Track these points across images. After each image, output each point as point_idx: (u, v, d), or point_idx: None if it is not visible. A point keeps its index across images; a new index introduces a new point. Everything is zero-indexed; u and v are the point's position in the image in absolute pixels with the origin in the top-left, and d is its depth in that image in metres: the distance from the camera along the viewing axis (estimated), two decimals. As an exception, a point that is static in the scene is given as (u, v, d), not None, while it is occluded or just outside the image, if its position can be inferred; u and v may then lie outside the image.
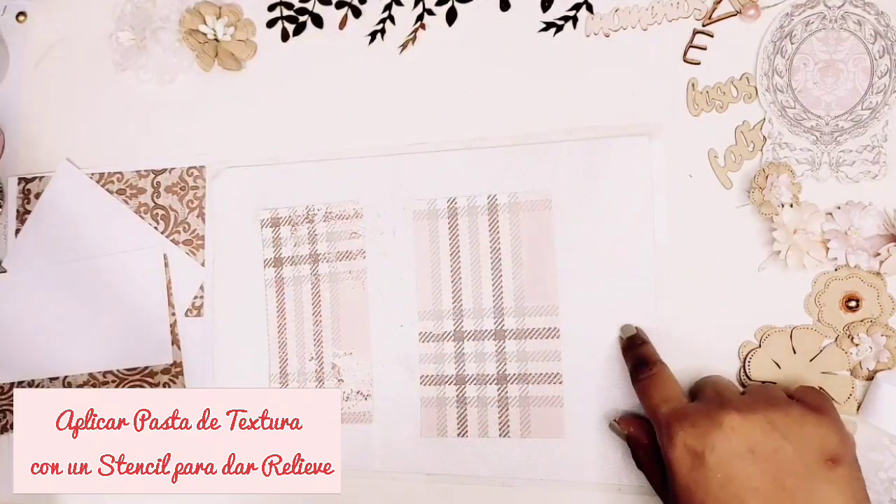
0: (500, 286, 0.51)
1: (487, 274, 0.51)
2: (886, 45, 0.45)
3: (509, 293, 0.50)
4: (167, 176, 0.58)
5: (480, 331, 0.51)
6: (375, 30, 0.55)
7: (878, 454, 0.44)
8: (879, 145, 0.45)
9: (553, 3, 0.51)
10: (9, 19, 0.63)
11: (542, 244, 0.50)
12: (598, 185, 0.49)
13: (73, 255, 0.59)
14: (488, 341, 0.51)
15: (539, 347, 0.50)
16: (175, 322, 0.57)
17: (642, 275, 0.48)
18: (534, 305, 0.50)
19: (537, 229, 0.50)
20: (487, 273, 0.51)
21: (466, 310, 0.51)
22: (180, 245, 0.58)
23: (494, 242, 0.51)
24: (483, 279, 0.51)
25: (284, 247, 0.55)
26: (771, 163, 0.46)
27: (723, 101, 0.48)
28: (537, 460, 0.50)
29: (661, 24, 0.49)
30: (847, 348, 0.45)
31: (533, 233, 0.50)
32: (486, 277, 0.51)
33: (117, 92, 0.60)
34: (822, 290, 0.46)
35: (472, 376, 0.51)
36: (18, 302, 0.60)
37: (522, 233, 0.51)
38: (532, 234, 0.50)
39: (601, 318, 0.49)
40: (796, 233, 0.45)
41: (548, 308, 0.50)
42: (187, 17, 0.56)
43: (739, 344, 0.47)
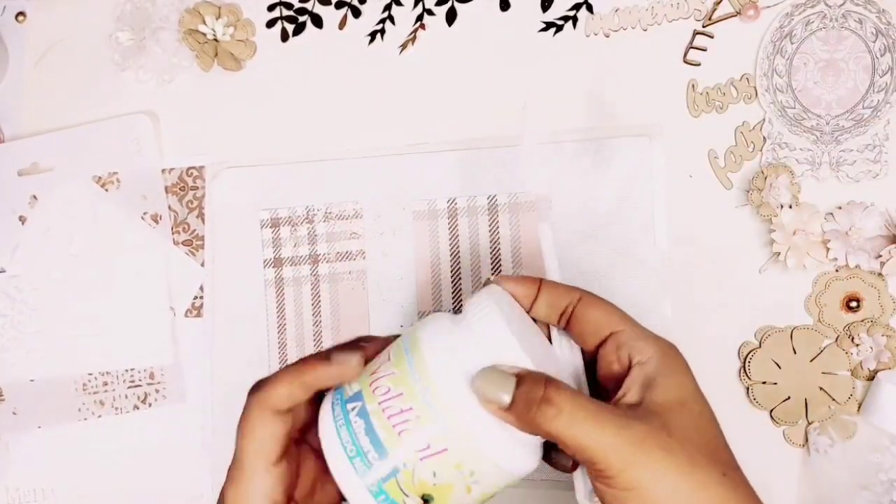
0: (499, 286, 0.51)
1: (487, 274, 0.51)
2: (888, 44, 0.45)
3: (509, 293, 0.50)
4: (167, 176, 0.58)
5: (480, 331, 0.51)
6: (375, 30, 0.55)
7: (878, 455, 0.44)
8: (881, 144, 0.45)
9: (553, 3, 0.51)
10: (9, 19, 0.63)
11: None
12: (598, 186, 0.49)
13: (74, 255, 0.59)
14: (488, 342, 0.51)
15: (539, 348, 0.50)
16: (175, 322, 0.57)
17: (642, 275, 0.48)
18: (534, 306, 0.50)
19: (537, 229, 0.50)
20: (487, 273, 0.51)
21: (466, 310, 0.51)
22: (180, 245, 0.58)
23: (494, 242, 0.51)
24: (483, 279, 0.51)
25: (284, 247, 0.55)
26: (770, 164, 0.46)
27: (723, 102, 0.48)
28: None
29: (661, 25, 0.49)
30: (847, 348, 0.45)
31: (533, 233, 0.50)
32: (486, 278, 0.51)
33: (117, 92, 0.60)
34: (823, 290, 0.45)
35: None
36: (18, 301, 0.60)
37: (522, 233, 0.51)
38: (532, 234, 0.50)
39: (601, 319, 0.49)
40: (796, 234, 0.45)
41: (548, 308, 0.50)
42: (187, 17, 0.56)
43: (739, 344, 0.47)
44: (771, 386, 0.46)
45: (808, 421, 0.45)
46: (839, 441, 0.45)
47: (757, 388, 0.46)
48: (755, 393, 0.46)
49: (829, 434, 0.45)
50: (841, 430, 0.45)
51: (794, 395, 0.45)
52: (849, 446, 0.45)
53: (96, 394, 0.58)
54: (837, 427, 0.45)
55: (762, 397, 0.46)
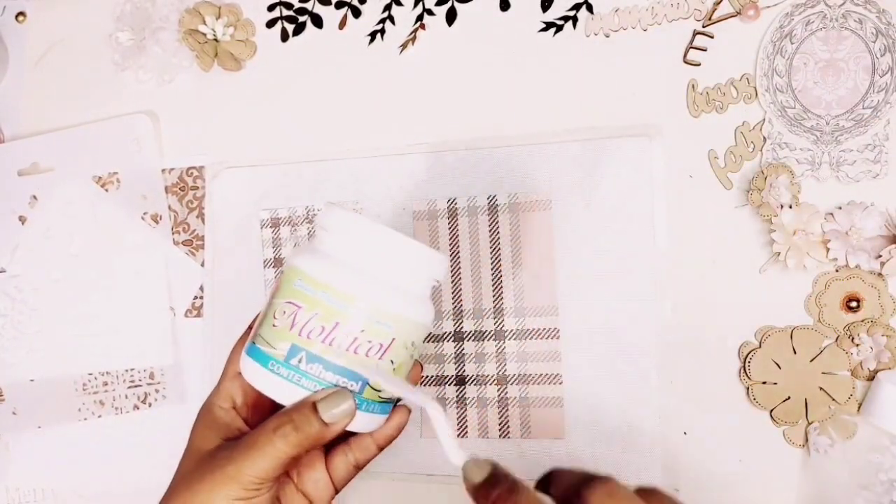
0: (499, 286, 0.51)
1: (487, 274, 0.51)
2: (888, 44, 0.45)
3: (509, 293, 0.50)
4: (167, 176, 0.58)
5: (480, 331, 0.51)
6: (375, 30, 0.55)
7: (878, 455, 0.44)
8: (881, 144, 0.45)
9: (553, 3, 0.51)
10: (9, 19, 0.63)
11: (542, 244, 0.50)
12: (598, 186, 0.49)
13: (74, 255, 0.59)
14: (488, 342, 0.51)
15: (539, 348, 0.50)
16: (175, 322, 0.57)
17: (642, 275, 0.48)
18: (534, 306, 0.50)
19: (537, 229, 0.50)
20: (487, 273, 0.51)
21: (466, 310, 0.51)
22: (180, 245, 0.58)
23: (494, 242, 0.51)
24: (483, 279, 0.51)
25: (284, 247, 0.55)
26: (770, 164, 0.46)
27: (723, 102, 0.48)
28: (537, 461, 0.50)
29: (661, 25, 0.49)
30: (848, 348, 0.45)
31: (533, 233, 0.50)
32: (486, 278, 0.51)
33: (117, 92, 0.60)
34: (823, 290, 0.45)
35: (472, 377, 0.51)
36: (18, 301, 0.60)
37: (522, 233, 0.51)
38: (532, 234, 0.50)
39: (601, 319, 0.49)
40: (796, 234, 0.45)
41: (548, 308, 0.50)
42: (187, 17, 0.56)
43: (739, 344, 0.47)
44: (771, 386, 0.46)
45: (808, 421, 0.45)
46: (839, 441, 0.45)
47: (757, 388, 0.46)
48: (755, 393, 0.46)
49: (829, 434, 0.45)
50: (841, 430, 0.45)
51: (794, 395, 0.46)
52: (849, 446, 0.45)
53: (96, 394, 0.58)
54: (837, 427, 0.45)
55: (762, 397, 0.46)
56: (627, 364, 0.48)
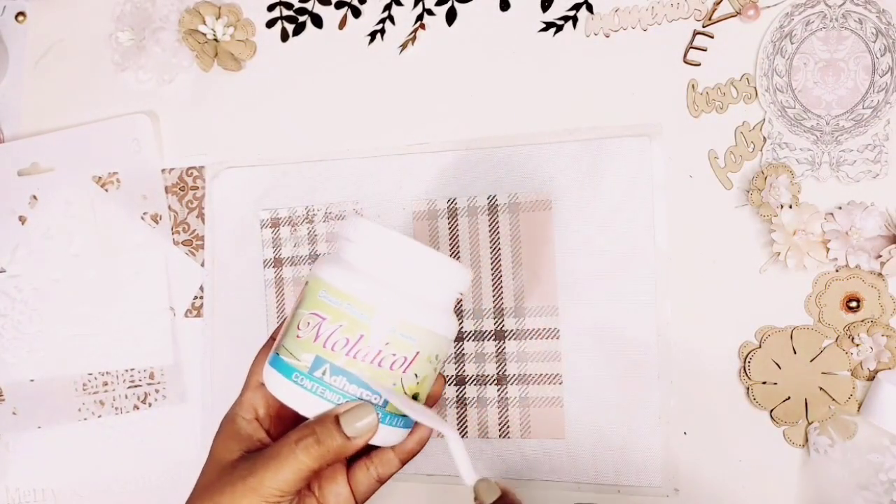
0: (500, 286, 0.51)
1: (487, 274, 0.51)
2: (888, 44, 0.45)
3: (509, 293, 0.50)
4: (167, 176, 0.58)
5: (480, 331, 0.51)
6: (375, 30, 0.55)
7: (878, 455, 0.44)
8: (881, 144, 0.45)
9: (553, 3, 0.51)
10: (9, 19, 0.63)
11: (542, 244, 0.50)
12: (598, 186, 0.49)
13: (74, 255, 0.59)
14: (488, 342, 0.51)
15: (539, 348, 0.50)
16: (175, 322, 0.57)
17: (642, 275, 0.48)
18: (534, 306, 0.50)
19: (537, 229, 0.50)
20: (487, 273, 0.51)
21: (466, 310, 0.51)
22: (180, 245, 0.58)
23: (494, 243, 0.51)
24: (483, 279, 0.51)
25: (284, 247, 0.55)
26: (770, 164, 0.46)
27: (723, 102, 0.48)
28: (537, 461, 0.50)
29: (661, 25, 0.49)
30: (847, 348, 0.45)
31: (533, 233, 0.50)
32: (486, 278, 0.51)
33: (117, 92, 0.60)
34: (823, 290, 0.45)
35: (472, 377, 0.51)
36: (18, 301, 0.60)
37: (522, 233, 0.51)
38: (532, 234, 0.50)
39: (601, 318, 0.49)
40: (796, 234, 0.45)
41: (548, 308, 0.50)
42: (187, 17, 0.56)
43: (740, 344, 0.47)
44: (771, 386, 0.46)
45: (808, 421, 0.45)
46: (839, 441, 0.45)
47: (757, 388, 0.46)
48: (755, 393, 0.46)
49: (829, 434, 0.45)
50: (841, 430, 0.45)
51: (794, 395, 0.46)
52: (849, 446, 0.45)
53: (96, 394, 0.58)
54: (837, 427, 0.45)
55: (762, 397, 0.46)
56: (627, 364, 0.48)
